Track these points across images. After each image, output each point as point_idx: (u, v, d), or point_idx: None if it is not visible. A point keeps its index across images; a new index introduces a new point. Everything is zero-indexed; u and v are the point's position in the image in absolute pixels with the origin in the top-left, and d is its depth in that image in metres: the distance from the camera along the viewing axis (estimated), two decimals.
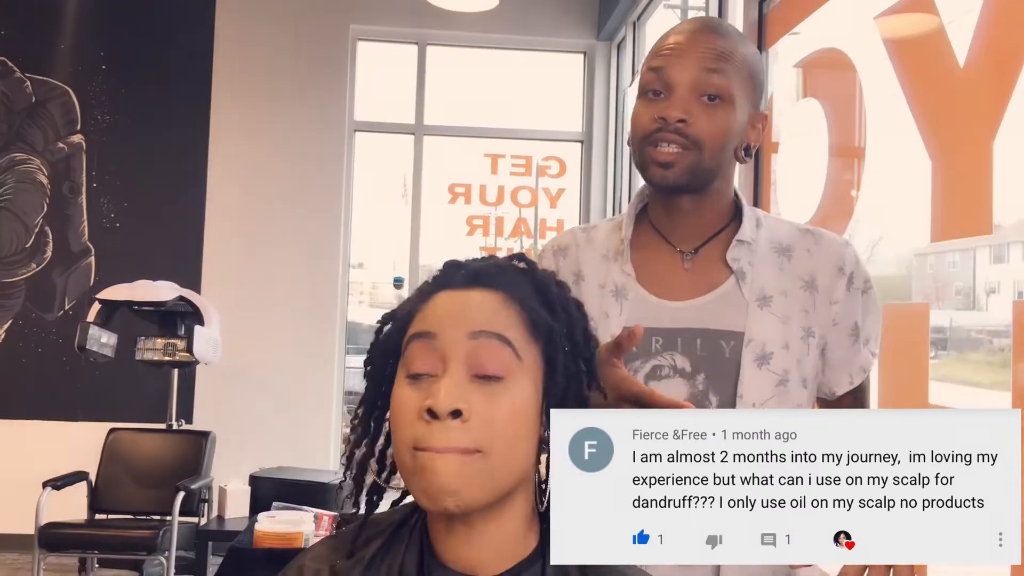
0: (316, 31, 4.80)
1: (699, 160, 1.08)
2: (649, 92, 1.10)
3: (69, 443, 4.34)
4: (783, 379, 1.07)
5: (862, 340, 1.13)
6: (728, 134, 1.09)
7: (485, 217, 5.01)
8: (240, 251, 4.72)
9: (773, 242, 1.13)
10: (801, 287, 1.11)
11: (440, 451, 0.69)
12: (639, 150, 1.11)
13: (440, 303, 0.76)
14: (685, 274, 1.12)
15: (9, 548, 4.37)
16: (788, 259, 1.12)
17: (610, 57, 4.99)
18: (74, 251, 4.70)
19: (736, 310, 1.09)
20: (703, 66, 1.08)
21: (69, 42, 4.72)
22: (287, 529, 2.96)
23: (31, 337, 4.64)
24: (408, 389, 0.73)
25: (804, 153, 2.39)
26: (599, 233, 1.20)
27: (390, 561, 0.77)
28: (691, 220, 1.13)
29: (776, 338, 1.08)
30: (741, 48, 1.11)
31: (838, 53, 2.23)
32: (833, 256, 1.12)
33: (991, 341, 1.80)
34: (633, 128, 1.12)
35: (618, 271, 1.14)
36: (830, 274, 1.11)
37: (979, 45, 1.61)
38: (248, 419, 4.59)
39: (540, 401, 0.73)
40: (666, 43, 1.12)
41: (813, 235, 1.15)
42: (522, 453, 0.72)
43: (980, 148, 1.57)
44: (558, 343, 0.75)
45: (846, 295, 1.11)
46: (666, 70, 1.09)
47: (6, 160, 4.69)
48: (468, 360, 0.71)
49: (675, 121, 1.07)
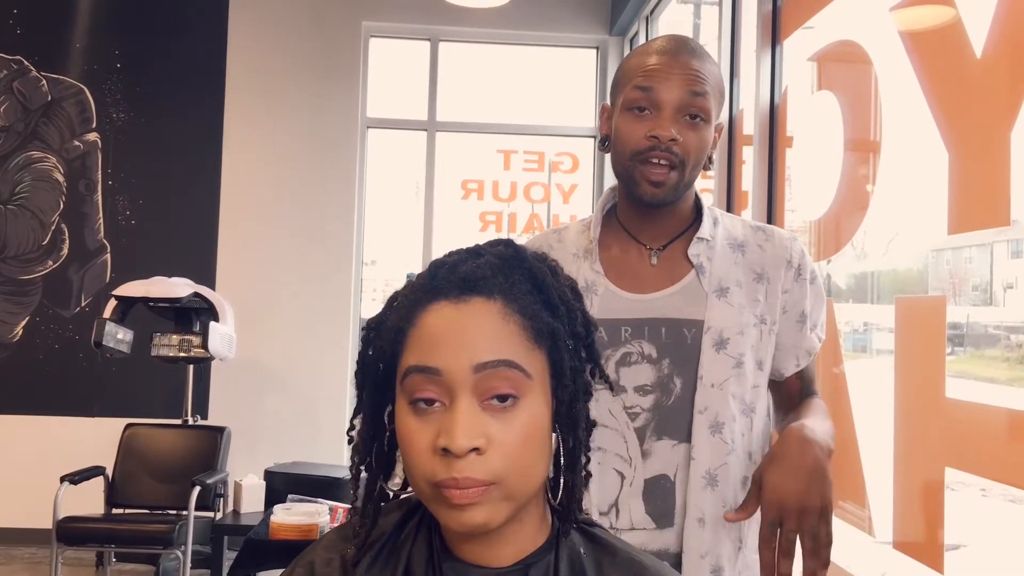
0: (329, 28, 4.81)
1: (683, 177, 1.19)
2: (635, 109, 1.19)
3: (86, 438, 4.39)
4: (739, 361, 1.19)
5: (808, 326, 1.25)
6: (706, 150, 1.21)
7: (498, 213, 5.01)
8: (254, 248, 4.74)
9: (729, 238, 1.25)
10: (754, 279, 1.23)
11: (461, 486, 0.67)
12: (628, 166, 1.20)
13: (434, 321, 0.70)
14: (652, 269, 1.24)
15: (27, 542, 4.42)
16: (742, 253, 1.24)
17: (623, 52, 4.98)
18: (90, 248, 4.74)
19: (697, 300, 1.21)
20: (689, 88, 1.17)
21: (84, 41, 4.75)
22: (303, 521, 2.98)
23: (48, 333, 4.68)
24: (415, 420, 0.69)
25: (819, 147, 2.38)
26: (569, 234, 1.31)
27: (400, 550, 0.77)
28: (661, 223, 1.25)
29: (732, 325, 1.19)
30: (712, 68, 1.22)
31: (853, 46, 2.22)
32: (782, 250, 1.24)
33: (1008, 337, 1.79)
34: (622, 143, 1.20)
35: (588, 268, 1.25)
36: (780, 266, 1.23)
37: (996, 36, 1.59)
38: (263, 414, 4.62)
39: (551, 408, 0.72)
40: (650, 62, 1.20)
41: (764, 231, 1.27)
42: (539, 470, 0.72)
43: (997, 140, 1.56)
44: (563, 344, 0.72)
45: (794, 285, 1.24)
46: (655, 90, 1.18)
47: (23, 158, 4.73)
48: (476, 388, 0.68)
49: (667, 140, 1.16)
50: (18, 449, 4.56)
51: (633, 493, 1.18)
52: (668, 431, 1.18)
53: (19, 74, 4.73)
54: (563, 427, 0.73)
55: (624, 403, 1.19)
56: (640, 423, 1.19)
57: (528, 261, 0.75)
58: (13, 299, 4.70)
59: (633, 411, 1.19)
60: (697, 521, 1.16)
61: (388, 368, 0.73)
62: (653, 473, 1.19)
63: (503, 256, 0.74)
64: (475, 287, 0.70)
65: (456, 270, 0.72)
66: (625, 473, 1.19)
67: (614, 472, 1.19)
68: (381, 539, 0.78)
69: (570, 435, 0.74)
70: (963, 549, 1.73)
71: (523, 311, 0.71)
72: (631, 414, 1.19)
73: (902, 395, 1.83)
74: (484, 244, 0.76)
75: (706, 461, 1.17)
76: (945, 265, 1.92)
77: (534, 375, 0.70)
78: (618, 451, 1.19)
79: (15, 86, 4.73)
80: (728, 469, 1.17)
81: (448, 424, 0.67)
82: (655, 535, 1.17)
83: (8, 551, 4.40)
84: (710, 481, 1.17)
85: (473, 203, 4.99)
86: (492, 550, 0.73)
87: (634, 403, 1.19)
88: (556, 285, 0.75)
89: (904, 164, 1.97)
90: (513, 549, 0.74)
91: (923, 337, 1.76)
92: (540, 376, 0.71)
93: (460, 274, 0.71)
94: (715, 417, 1.17)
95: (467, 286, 0.70)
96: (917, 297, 1.94)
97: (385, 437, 0.76)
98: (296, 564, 0.79)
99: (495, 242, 0.77)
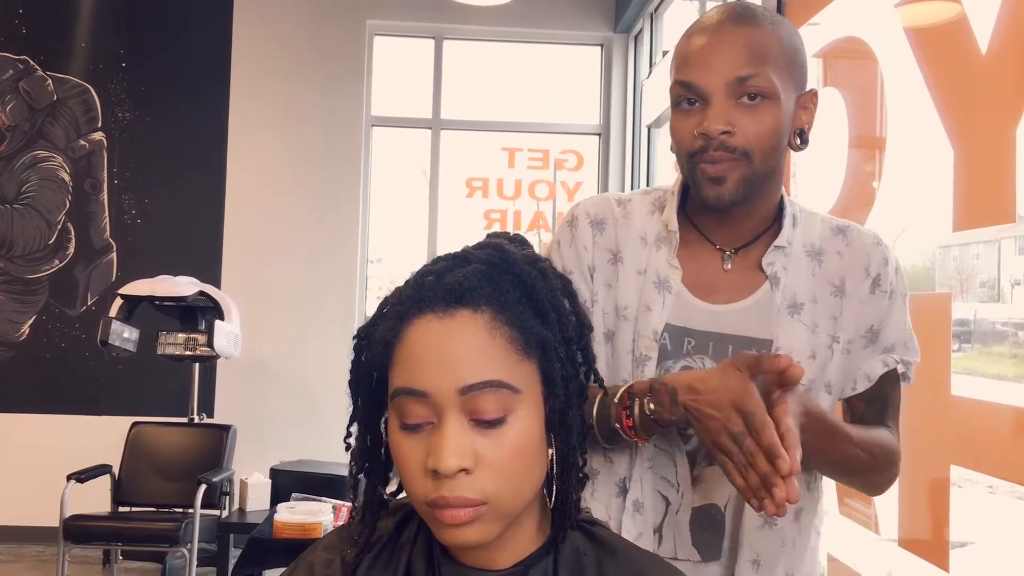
0: (333, 27, 4.81)
1: (751, 170, 1.01)
2: (683, 102, 1.02)
3: (92, 437, 4.40)
4: (807, 388, 1.03)
5: (879, 347, 1.08)
6: (778, 132, 1.01)
7: (503, 211, 5.01)
8: (259, 246, 4.75)
9: (806, 244, 1.09)
10: (831, 293, 1.07)
11: (453, 505, 0.67)
12: (688, 169, 1.04)
13: (419, 336, 0.68)
14: (724, 276, 1.08)
15: (34, 540, 4.43)
16: (819, 263, 1.08)
17: (627, 49, 4.97)
18: (96, 247, 4.75)
19: (767, 317, 1.06)
20: (736, 66, 0.99)
21: (89, 40, 4.76)
22: (306, 520, 2.99)
23: (54, 332, 4.70)
24: (406, 440, 0.69)
25: (824, 143, 2.37)
26: (636, 209, 1.13)
27: (400, 553, 0.77)
28: (737, 223, 1.07)
29: (803, 348, 1.05)
30: (774, 31, 1.02)
31: (858, 42, 2.21)
32: (862, 257, 1.08)
33: (1016, 334, 1.78)
34: (676, 144, 1.05)
35: (663, 262, 1.08)
36: (858, 277, 1.08)
37: (1001, 32, 1.59)
38: (268, 413, 4.62)
39: (543, 418, 0.71)
40: (691, 46, 1.03)
41: (845, 235, 1.10)
42: (532, 483, 0.71)
43: (1003, 136, 1.55)
44: (553, 354, 0.71)
45: (869, 298, 1.07)
46: (696, 80, 1.00)
47: (28, 158, 4.74)
48: (464, 408, 0.67)
49: (718, 135, 0.99)
50: (25, 448, 4.57)
51: (679, 521, 1.07)
52: None
53: (25, 74, 4.74)
54: (556, 434, 0.73)
55: None
56: (692, 446, 1.06)
57: (517, 266, 0.72)
58: (20, 298, 4.72)
59: (687, 432, 1.06)
60: (751, 563, 1.04)
61: (381, 376, 0.72)
62: (702, 502, 1.07)
63: (491, 261, 0.72)
64: (462, 299, 0.68)
65: (442, 280, 0.70)
66: (671, 499, 1.07)
67: (659, 496, 1.07)
68: (380, 542, 0.78)
69: (563, 442, 0.73)
70: (969, 547, 1.73)
71: (512, 322, 0.69)
72: (684, 435, 1.06)
73: (907, 394, 1.82)
74: (472, 248, 0.74)
75: None
76: (952, 262, 1.91)
77: (523, 388, 0.69)
78: (665, 474, 1.07)
79: (21, 86, 4.74)
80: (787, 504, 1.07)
81: (436, 445, 0.67)
82: (698, 568, 1.06)
83: (15, 549, 4.42)
84: (768, 520, 1.04)
85: (478, 201, 4.98)
86: (491, 553, 0.73)
87: None
88: (546, 290, 0.72)
89: (909, 161, 1.96)
90: (512, 552, 0.74)
91: (929, 334, 1.76)
92: (530, 388, 0.70)
93: (446, 285, 0.69)
94: None
95: (453, 297, 0.69)
96: (922, 294, 1.93)
97: (382, 444, 0.76)
98: (296, 565, 0.79)
99: (483, 244, 0.75)
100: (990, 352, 1.81)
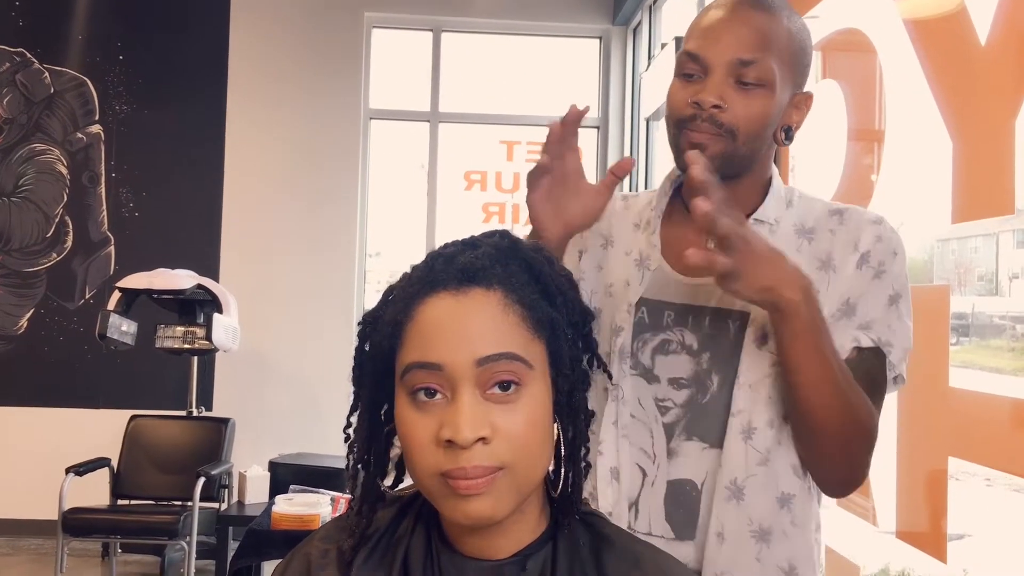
0: (331, 19, 4.80)
1: (733, 148, 1.03)
2: (686, 71, 1.05)
3: (91, 430, 4.40)
4: None
5: (855, 322, 1.05)
6: (766, 120, 1.04)
7: (501, 204, 5.00)
8: (258, 239, 4.75)
9: (798, 224, 1.09)
10: (817, 267, 1.06)
11: (470, 476, 0.67)
12: (673, 135, 1.07)
13: (433, 313, 0.69)
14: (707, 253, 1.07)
15: (33, 533, 4.44)
16: (809, 241, 1.08)
17: (626, 42, 4.96)
18: (94, 240, 4.74)
19: None
20: (742, 48, 1.02)
21: (86, 33, 4.75)
22: (304, 511, 2.99)
23: (53, 326, 4.69)
24: (415, 414, 0.69)
25: (823, 136, 2.37)
26: (638, 203, 1.20)
27: (397, 544, 0.77)
28: None
29: None
30: (785, 24, 1.05)
31: (858, 34, 2.20)
32: (854, 232, 1.07)
33: (1014, 327, 1.78)
34: (668, 109, 1.08)
35: (645, 241, 1.14)
36: (845, 252, 1.07)
37: (1001, 23, 1.58)
38: (267, 406, 4.63)
39: (551, 397, 0.72)
40: (705, 20, 1.06)
41: (841, 215, 1.09)
42: (544, 458, 0.72)
43: (1002, 128, 1.55)
44: (561, 334, 0.72)
45: (854, 273, 1.06)
46: (702, 52, 1.03)
47: (26, 151, 4.73)
48: (478, 380, 0.68)
49: (710, 107, 1.02)
50: (23, 441, 4.57)
51: (654, 494, 1.08)
52: (699, 432, 1.07)
53: (22, 66, 4.73)
54: (563, 417, 0.73)
55: (656, 395, 1.08)
56: (670, 419, 1.08)
57: (525, 251, 0.74)
58: (18, 292, 4.71)
59: (664, 404, 1.08)
60: (716, 536, 1.04)
61: (386, 364, 0.72)
62: (678, 476, 1.07)
63: (499, 247, 0.73)
64: (474, 277, 0.70)
65: (454, 261, 0.71)
66: (647, 470, 1.09)
67: (636, 467, 1.09)
68: (377, 534, 0.78)
69: (570, 425, 0.74)
70: (967, 539, 1.73)
71: (522, 301, 0.70)
72: (662, 407, 1.08)
73: (905, 384, 1.82)
74: (479, 235, 0.76)
75: (734, 469, 1.03)
76: (950, 255, 1.91)
77: (535, 365, 0.70)
78: (642, 445, 1.09)
79: (18, 78, 4.72)
80: (757, 482, 1.03)
81: (452, 416, 0.67)
82: (673, 546, 1.05)
83: (14, 542, 4.43)
84: (735, 493, 1.04)
85: (476, 194, 4.98)
86: (491, 542, 0.73)
87: (666, 396, 1.08)
88: (553, 275, 0.74)
89: (908, 153, 1.96)
90: (512, 541, 0.74)
91: (927, 326, 1.76)
92: (541, 366, 0.71)
93: (458, 265, 0.70)
94: (748, 421, 1.04)
95: (466, 276, 0.70)
96: (921, 286, 1.93)
97: (382, 435, 0.76)
98: (293, 555, 0.79)
99: (490, 233, 0.76)
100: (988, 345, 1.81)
